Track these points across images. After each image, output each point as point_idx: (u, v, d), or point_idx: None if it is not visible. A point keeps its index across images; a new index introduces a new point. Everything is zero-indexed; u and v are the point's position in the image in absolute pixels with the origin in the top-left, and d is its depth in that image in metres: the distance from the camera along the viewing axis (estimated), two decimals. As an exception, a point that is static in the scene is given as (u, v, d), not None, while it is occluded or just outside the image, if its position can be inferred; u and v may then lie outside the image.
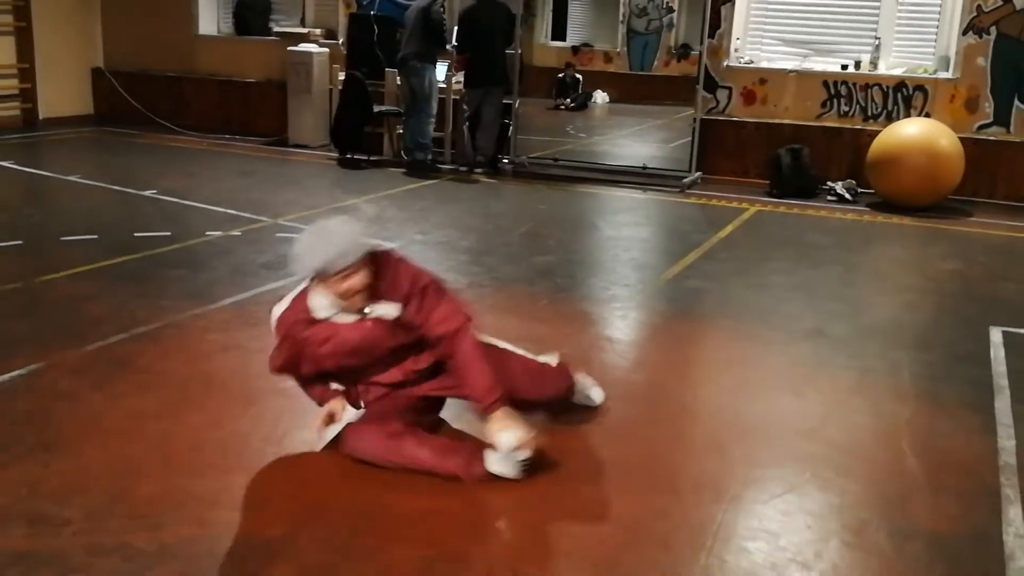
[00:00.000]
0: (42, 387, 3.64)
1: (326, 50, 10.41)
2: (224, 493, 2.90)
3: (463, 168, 9.33)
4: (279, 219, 6.76)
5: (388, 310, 3.03)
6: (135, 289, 4.91)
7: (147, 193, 7.47)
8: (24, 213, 6.97)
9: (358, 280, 2.94)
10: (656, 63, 15.08)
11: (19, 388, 3.62)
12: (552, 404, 3.46)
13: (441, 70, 9.36)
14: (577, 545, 2.69)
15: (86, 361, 3.93)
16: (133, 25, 11.74)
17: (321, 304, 3.04)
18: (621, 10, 15.58)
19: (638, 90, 14.82)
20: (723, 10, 9.31)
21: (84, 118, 11.67)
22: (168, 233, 6.09)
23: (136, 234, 6.03)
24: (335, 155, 9.73)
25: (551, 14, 15.87)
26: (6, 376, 3.69)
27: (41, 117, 11.21)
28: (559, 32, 16.42)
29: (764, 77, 9.33)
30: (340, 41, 10.65)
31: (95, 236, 5.99)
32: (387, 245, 3.37)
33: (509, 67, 9.32)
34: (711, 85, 9.37)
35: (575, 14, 16.64)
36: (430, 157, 9.30)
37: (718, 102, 9.43)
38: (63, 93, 11.53)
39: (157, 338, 4.24)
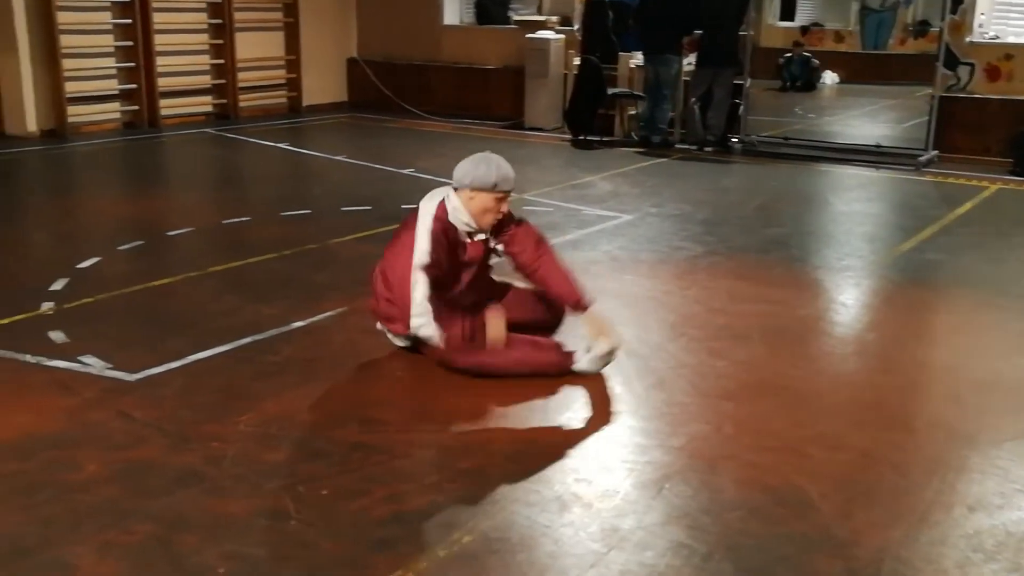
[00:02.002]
0: (350, 325, 4.35)
1: (562, 36, 10.97)
2: (515, 411, 3.45)
3: (693, 147, 9.65)
4: (524, 194, 7.35)
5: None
6: (410, 250, 5.61)
7: (406, 171, 8.29)
8: (307, 188, 7.95)
9: (504, 206, 3.74)
10: (891, 41, 14.67)
11: (333, 325, 4.34)
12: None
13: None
14: (818, 466, 3.05)
15: (381, 306, 4.62)
16: (385, 18, 12.77)
17: (462, 219, 3.75)
18: (855, -14, 15.22)
19: (870, 70, 14.45)
20: (968, -15, 9.12)
21: (339, 105, 12.83)
22: (430, 204, 6.80)
23: (403, 205, 6.77)
24: (568, 136, 10.28)
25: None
26: (321, 316, 4.43)
27: (304, 104, 12.44)
28: (788, 12, 16.27)
29: (1010, 52, 9.07)
30: (575, 27, 11.18)
31: (369, 207, 6.80)
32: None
33: (741, 48, 9.54)
34: (951, 62, 9.19)
35: (805, -8, 16.40)
36: (662, 138, 9.70)
37: (959, 79, 9.25)
38: (323, 82, 12.72)
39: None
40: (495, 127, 11.26)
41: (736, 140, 9.67)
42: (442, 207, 3.77)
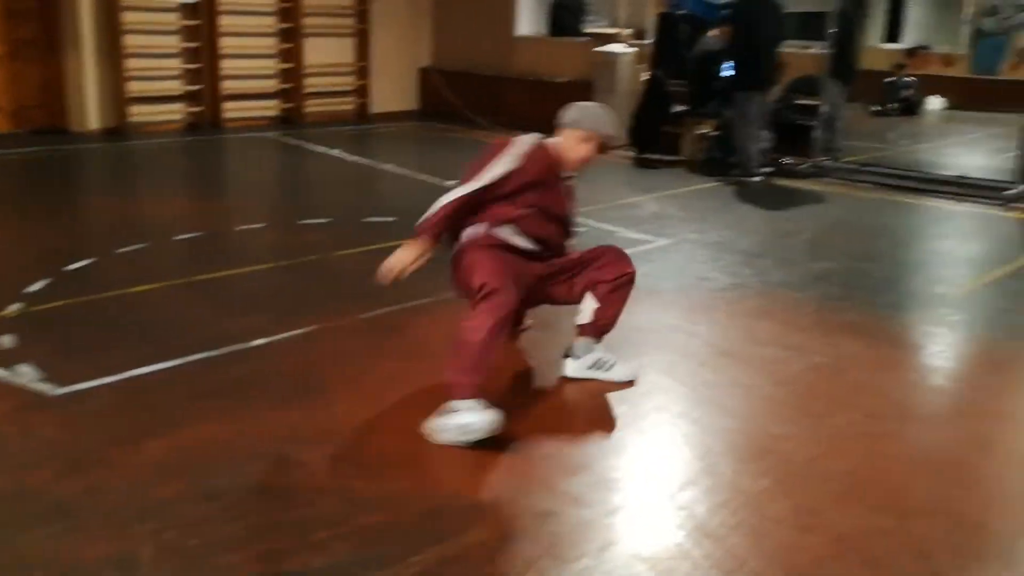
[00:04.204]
0: (312, 346, 4.03)
1: (631, 50, 10.52)
2: (453, 460, 3.05)
3: (757, 174, 9.02)
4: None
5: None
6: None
7: (450, 183, 7.95)
8: (338, 196, 7.71)
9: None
10: (1003, 66, 13.76)
11: (295, 345, 4.02)
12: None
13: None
14: (774, 550, 2.56)
15: (360, 326, 4.30)
16: (459, 28, 12.53)
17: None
18: (966, 8, 14.41)
19: (980, 96, 13.60)
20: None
21: (408, 113, 12.62)
22: (456, 219, 6.47)
23: (428, 218, 6.46)
24: (632, 154, 9.81)
25: (885, 15, 14.98)
26: (288, 334, 4.11)
27: (373, 111, 12.28)
28: (893, 33, 15.44)
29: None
30: (649, 41, 10.71)
31: (395, 218, 6.48)
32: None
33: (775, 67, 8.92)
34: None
35: (912, 14, 15.59)
36: (724, 161, 9.14)
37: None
38: (393, 90, 12.53)
39: (430, 311, 4.52)
40: (560, 142, 10.84)
41: (805, 165, 9.04)
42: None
